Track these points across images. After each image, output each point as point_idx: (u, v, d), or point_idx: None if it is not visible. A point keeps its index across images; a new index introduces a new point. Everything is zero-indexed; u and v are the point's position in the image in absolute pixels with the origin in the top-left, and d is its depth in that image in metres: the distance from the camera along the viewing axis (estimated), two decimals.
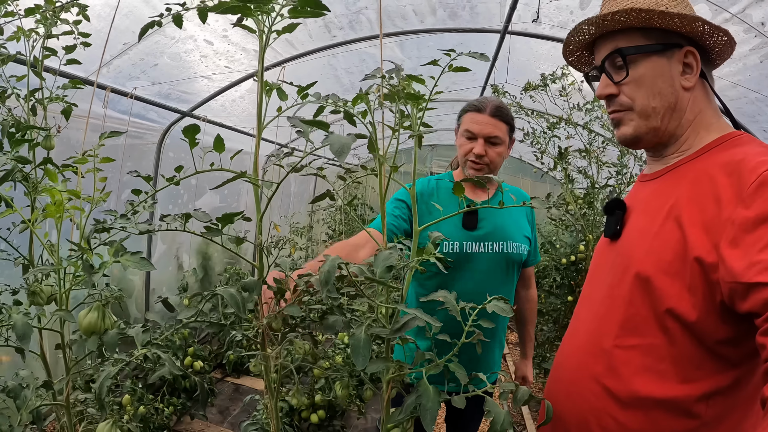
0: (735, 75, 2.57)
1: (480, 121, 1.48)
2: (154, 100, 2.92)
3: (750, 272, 0.61)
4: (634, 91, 0.86)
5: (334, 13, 2.68)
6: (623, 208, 0.93)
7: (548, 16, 2.73)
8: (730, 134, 0.83)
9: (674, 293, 0.74)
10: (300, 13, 0.93)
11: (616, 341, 0.81)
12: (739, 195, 0.69)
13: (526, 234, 1.62)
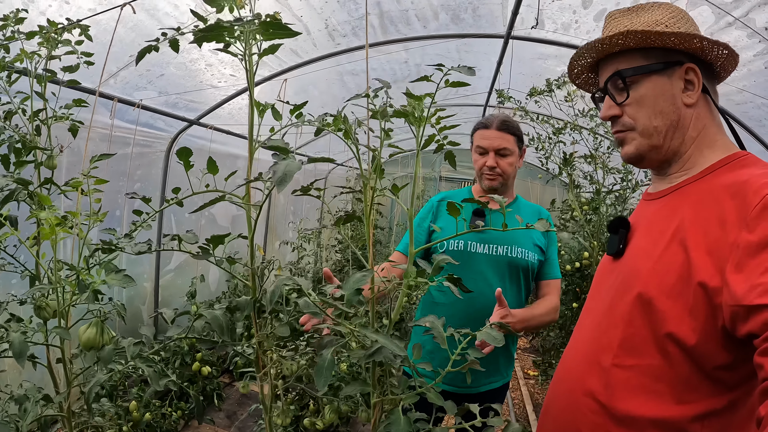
0: (740, 81, 2.52)
1: (488, 136, 1.63)
2: (162, 109, 2.98)
3: (751, 295, 0.61)
4: (636, 112, 0.87)
5: (337, 21, 2.70)
6: (627, 227, 0.94)
7: (551, 17, 2.71)
8: (735, 154, 0.83)
9: (675, 316, 0.74)
10: (272, 35, 0.95)
11: (615, 360, 0.82)
12: (743, 218, 0.68)
13: (537, 243, 1.66)
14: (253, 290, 1.18)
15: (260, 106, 1.20)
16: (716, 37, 2.45)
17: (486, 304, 1.57)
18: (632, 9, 0.91)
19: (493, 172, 1.63)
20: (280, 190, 0.76)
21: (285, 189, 0.75)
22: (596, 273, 1.04)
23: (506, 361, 1.72)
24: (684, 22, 0.87)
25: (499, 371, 1.69)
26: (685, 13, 0.89)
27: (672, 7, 0.89)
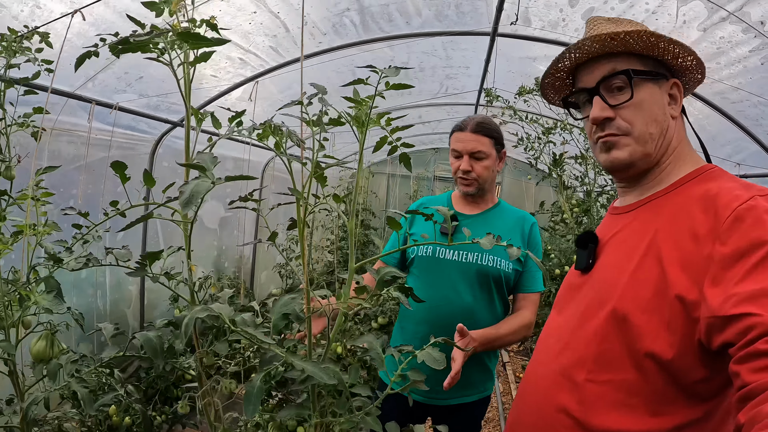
0: (735, 78, 2.42)
1: (462, 138, 1.56)
2: (143, 111, 2.94)
3: (726, 305, 0.62)
4: (634, 116, 0.85)
5: (318, 17, 2.63)
6: (595, 242, 0.93)
7: (537, 15, 2.62)
8: (703, 167, 0.85)
9: (651, 331, 0.74)
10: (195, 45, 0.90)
11: (589, 375, 0.81)
12: (716, 231, 0.69)
13: None
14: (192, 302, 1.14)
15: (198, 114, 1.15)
16: (710, 32, 2.36)
17: (453, 311, 1.53)
18: (612, 20, 0.92)
19: (467, 177, 1.57)
20: (185, 211, 0.71)
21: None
22: (563, 287, 1.03)
23: (482, 376, 1.65)
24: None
25: (474, 386, 1.63)
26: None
27: (641, 25, 0.90)
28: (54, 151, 2.77)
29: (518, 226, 1.62)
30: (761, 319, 0.57)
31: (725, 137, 2.87)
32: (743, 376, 0.57)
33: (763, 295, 0.59)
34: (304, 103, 0.94)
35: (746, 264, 0.63)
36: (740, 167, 2.77)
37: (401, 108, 4.24)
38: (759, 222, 0.65)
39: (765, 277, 0.61)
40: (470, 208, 1.66)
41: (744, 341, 0.58)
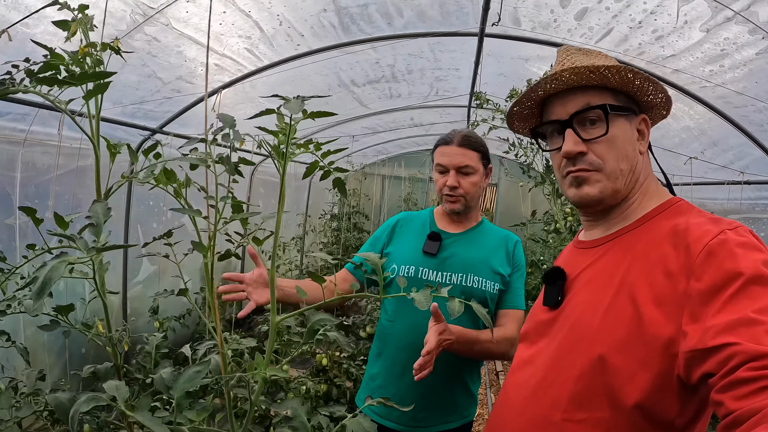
0: (740, 81, 2.25)
1: (449, 152, 1.48)
2: (118, 119, 2.84)
3: (705, 338, 0.63)
4: (607, 151, 0.84)
5: (293, 18, 2.50)
6: (563, 277, 0.92)
7: (527, 15, 2.47)
8: (669, 201, 0.85)
9: (628, 371, 0.74)
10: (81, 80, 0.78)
11: (566, 415, 0.81)
12: (689, 267, 0.70)
13: (497, 270, 1.51)
14: (115, 356, 1.03)
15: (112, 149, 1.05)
16: (713, 33, 2.18)
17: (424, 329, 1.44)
18: (584, 51, 0.91)
19: (454, 193, 1.48)
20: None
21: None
22: (530, 321, 1.00)
23: (465, 399, 1.57)
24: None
25: (457, 410, 1.55)
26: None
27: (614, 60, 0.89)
28: (28, 162, 2.69)
29: (502, 245, 1.57)
30: (740, 347, 0.58)
31: (728, 143, 2.69)
32: (727, 404, 0.57)
33: (740, 325, 0.61)
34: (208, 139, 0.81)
35: (722, 297, 0.64)
36: (744, 175, 2.59)
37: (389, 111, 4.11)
38: (731, 256, 0.67)
39: (741, 308, 0.62)
40: (454, 226, 1.58)
41: (725, 370, 0.59)
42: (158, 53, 2.43)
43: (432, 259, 1.51)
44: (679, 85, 2.58)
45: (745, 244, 0.68)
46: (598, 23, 2.35)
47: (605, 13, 2.27)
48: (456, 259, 1.50)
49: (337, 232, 4.81)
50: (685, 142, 3.01)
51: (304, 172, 0.94)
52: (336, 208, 5.17)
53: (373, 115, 4.13)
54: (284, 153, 0.87)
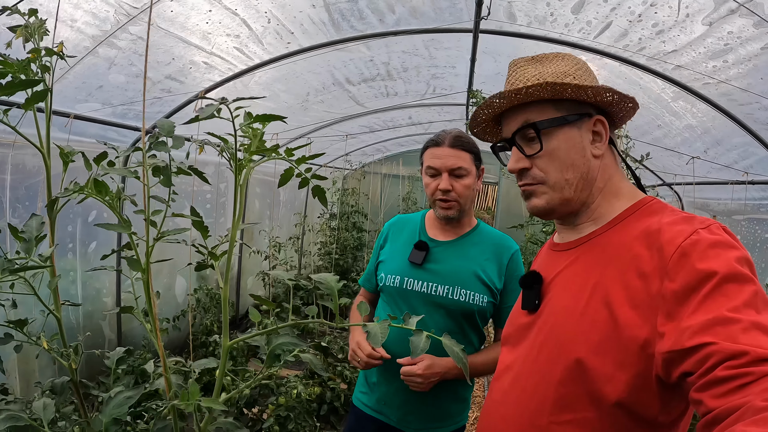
0: (744, 77, 2.15)
1: (440, 154, 1.40)
2: (109, 119, 2.80)
3: (682, 338, 0.63)
4: (548, 165, 0.86)
5: (281, 14, 2.44)
6: (540, 281, 0.92)
7: (522, 10, 2.39)
8: (641, 201, 0.84)
9: (606, 373, 0.74)
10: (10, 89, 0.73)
11: (551, 417, 0.82)
12: (663, 268, 0.70)
13: (487, 282, 1.44)
14: (71, 372, 0.98)
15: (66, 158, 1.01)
16: (716, 26, 2.09)
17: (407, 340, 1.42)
18: (536, 58, 0.91)
19: (448, 197, 1.40)
20: None
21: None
22: (509, 325, 1.00)
23: (456, 407, 1.55)
24: (588, 75, 0.88)
25: (448, 417, 1.53)
26: (587, 64, 0.90)
27: (575, 59, 0.89)
28: (18, 165, 2.66)
29: (496, 255, 1.48)
30: (717, 347, 0.59)
31: (731, 142, 2.59)
32: (707, 403, 0.58)
33: (715, 324, 0.61)
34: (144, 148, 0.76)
35: (697, 297, 0.64)
36: (748, 174, 2.49)
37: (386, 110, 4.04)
38: (704, 255, 0.67)
39: (716, 307, 0.62)
40: (445, 233, 1.51)
41: (703, 370, 0.60)
42: (145, 52, 2.38)
43: (419, 269, 1.46)
44: (681, 83, 2.49)
45: (718, 243, 0.68)
46: (596, 17, 2.27)
47: (603, 5, 2.18)
48: (443, 270, 1.45)
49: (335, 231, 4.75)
50: (688, 141, 2.91)
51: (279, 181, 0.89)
52: (335, 207, 5.11)
53: (370, 114, 4.06)
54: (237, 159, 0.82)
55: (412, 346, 0.70)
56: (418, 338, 0.70)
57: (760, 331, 0.59)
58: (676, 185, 3.34)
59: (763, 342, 0.58)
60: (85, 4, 2.01)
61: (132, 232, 0.69)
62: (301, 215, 4.67)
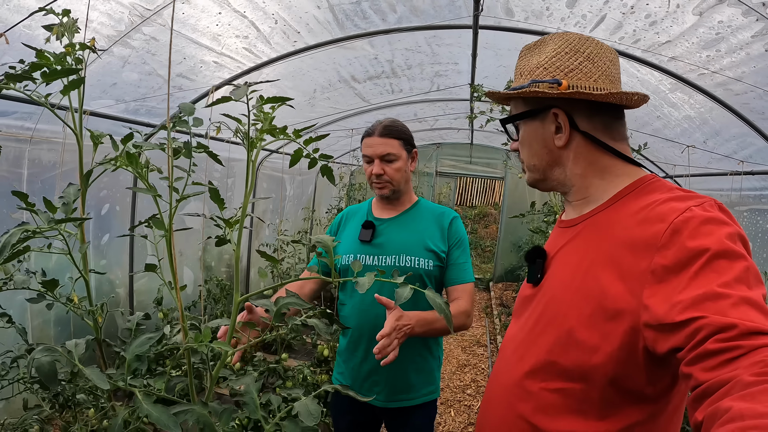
0: (738, 67, 2.21)
1: (371, 143, 1.59)
2: (122, 116, 2.92)
3: (672, 312, 0.64)
4: (522, 150, 0.97)
5: (288, 15, 2.54)
6: (544, 256, 0.98)
7: (519, 5, 2.46)
8: (640, 180, 0.87)
9: (594, 345, 0.78)
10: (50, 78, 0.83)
11: (542, 384, 0.87)
12: (654, 245, 0.71)
13: (431, 248, 1.58)
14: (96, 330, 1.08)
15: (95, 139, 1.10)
16: (706, 15, 2.15)
17: (380, 313, 1.51)
18: (538, 43, 0.95)
19: (380, 180, 1.59)
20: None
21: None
22: (517, 299, 1.07)
23: (421, 378, 1.62)
24: (570, 57, 0.88)
25: (412, 389, 1.61)
26: (580, 44, 0.89)
27: (563, 42, 0.90)
28: (34, 160, 2.78)
29: (437, 223, 1.63)
30: (707, 320, 0.60)
31: (729, 132, 2.64)
32: (696, 376, 0.59)
33: (706, 299, 0.62)
34: (168, 127, 0.86)
35: (688, 273, 0.66)
36: (745, 164, 2.54)
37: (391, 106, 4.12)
38: (696, 232, 0.68)
39: (706, 283, 0.63)
40: (388, 211, 1.67)
41: (693, 343, 0.61)
42: (157, 51, 2.50)
43: (368, 245, 1.61)
44: (677, 74, 2.54)
45: (711, 220, 0.69)
46: (590, 10, 2.33)
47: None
48: (389, 243, 1.60)
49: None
50: (687, 131, 2.96)
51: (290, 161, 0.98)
52: (342, 202, 5.21)
53: (376, 110, 4.15)
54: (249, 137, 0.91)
55: (397, 296, 0.79)
56: (402, 288, 0.78)
57: (749, 306, 0.60)
58: (676, 177, 3.38)
59: (753, 316, 0.59)
60: (101, 6, 2.13)
61: (158, 194, 0.79)
62: (309, 209, 4.79)
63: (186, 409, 0.77)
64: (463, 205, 14.12)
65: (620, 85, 0.93)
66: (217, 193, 0.96)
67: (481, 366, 4.27)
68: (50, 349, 0.73)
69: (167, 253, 0.86)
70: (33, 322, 2.72)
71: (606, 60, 0.89)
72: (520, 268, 6.16)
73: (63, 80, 0.96)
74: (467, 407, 3.49)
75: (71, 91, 0.96)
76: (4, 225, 2.52)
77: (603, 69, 0.88)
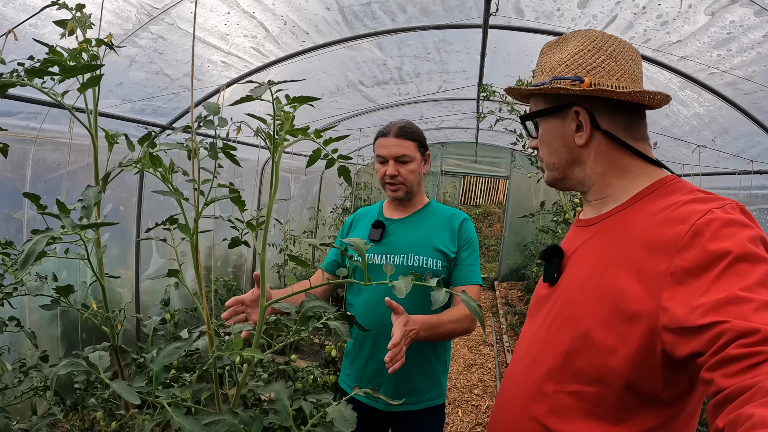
0: (748, 66, 2.20)
1: (386, 144, 1.58)
2: (128, 116, 2.91)
3: (692, 316, 0.63)
4: (541, 148, 0.96)
5: (297, 17, 2.53)
6: (561, 255, 0.96)
7: (530, 5, 2.45)
8: (661, 180, 0.85)
9: (611, 347, 0.76)
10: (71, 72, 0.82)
11: (557, 387, 0.85)
12: (675, 246, 0.70)
13: (440, 248, 1.58)
14: (112, 337, 1.07)
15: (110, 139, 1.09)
16: (718, 15, 2.14)
17: (384, 313, 1.48)
18: (559, 41, 0.94)
19: (394, 181, 1.59)
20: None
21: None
22: (533, 298, 1.05)
23: (426, 382, 1.60)
24: (593, 54, 0.86)
25: (416, 393, 1.59)
26: (603, 42, 0.88)
27: (586, 39, 0.89)
28: (39, 160, 2.77)
29: (447, 224, 1.63)
30: (729, 325, 0.58)
31: (738, 131, 2.63)
32: (717, 382, 0.58)
33: (728, 303, 0.61)
34: (193, 127, 0.85)
35: (709, 276, 0.64)
36: (754, 164, 2.53)
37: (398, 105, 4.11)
38: (717, 235, 0.66)
39: (728, 286, 0.62)
40: (399, 212, 1.68)
41: (714, 348, 0.59)
42: (164, 50, 2.49)
43: (377, 245, 1.61)
44: (686, 73, 2.54)
45: (732, 222, 0.67)
46: (601, 11, 2.33)
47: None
48: (398, 242, 1.60)
49: None
50: (696, 129, 2.95)
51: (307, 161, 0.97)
52: (347, 201, 5.20)
53: (382, 110, 4.15)
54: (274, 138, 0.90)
55: (433, 299, 0.78)
56: (438, 292, 0.77)
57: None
58: (685, 176, 3.38)
59: None
60: (108, 4, 2.12)
61: (184, 197, 0.78)
62: (314, 209, 4.77)
63: (217, 419, 0.76)
64: (467, 204, 14.10)
65: (642, 85, 0.92)
66: (238, 196, 0.96)
67: (488, 366, 4.26)
68: (73, 363, 0.72)
69: (192, 257, 0.85)
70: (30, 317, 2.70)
71: (628, 59, 0.88)
72: (525, 267, 6.15)
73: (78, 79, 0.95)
74: (475, 407, 3.49)
75: (91, 87, 0.94)
76: (5, 225, 2.51)
77: (626, 68, 0.87)
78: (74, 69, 0.78)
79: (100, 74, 0.88)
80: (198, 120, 0.82)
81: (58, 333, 2.86)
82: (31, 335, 1.55)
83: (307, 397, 0.85)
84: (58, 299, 1.05)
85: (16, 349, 2.22)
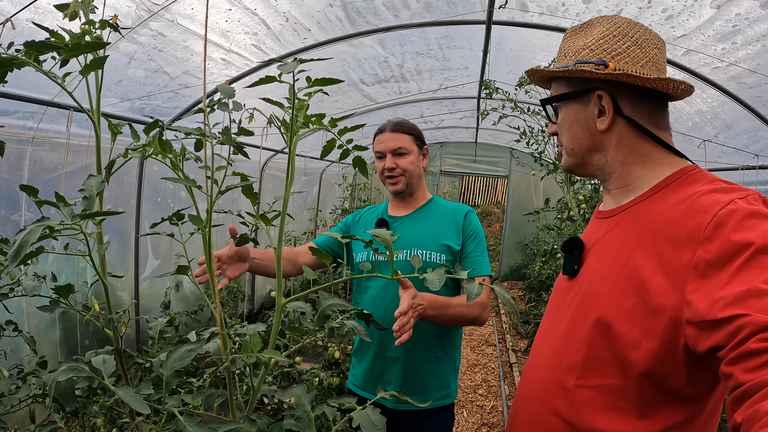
0: (753, 59, 2.19)
1: (383, 139, 1.60)
2: (126, 115, 2.86)
3: (714, 309, 0.62)
4: (562, 133, 0.94)
5: (299, 13, 2.50)
6: (581, 247, 0.94)
7: (535, 1, 2.44)
8: (682, 170, 0.83)
9: (634, 339, 0.75)
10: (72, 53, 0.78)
11: (578, 381, 0.83)
12: (697, 238, 0.69)
13: (445, 243, 1.57)
14: (115, 340, 1.03)
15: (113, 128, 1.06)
16: (724, 9, 2.13)
17: (388, 307, 1.52)
18: (584, 26, 0.93)
19: (393, 174, 1.59)
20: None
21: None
22: (553, 292, 1.04)
23: (435, 381, 1.58)
24: (618, 40, 0.85)
25: (425, 392, 1.57)
26: (629, 28, 0.86)
27: (612, 24, 0.88)
28: (36, 161, 2.71)
29: (451, 218, 1.62)
30: (750, 318, 0.57)
31: (741, 126, 2.63)
32: (737, 377, 0.57)
33: (749, 296, 0.59)
34: (206, 111, 0.81)
35: (730, 268, 0.63)
36: (758, 158, 2.52)
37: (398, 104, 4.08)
38: (740, 226, 0.65)
39: (750, 279, 0.61)
40: (402, 209, 1.68)
41: (734, 342, 0.58)
42: (164, 48, 2.45)
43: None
44: (690, 69, 2.53)
45: (755, 213, 0.66)
46: (606, 5, 2.31)
47: None
48: (402, 238, 1.59)
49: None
50: (699, 125, 2.94)
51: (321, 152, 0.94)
52: (347, 202, 5.16)
53: (382, 109, 4.12)
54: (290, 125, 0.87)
55: (468, 292, 0.75)
56: (471, 285, 0.74)
57: None
58: None
59: None
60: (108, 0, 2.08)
61: (197, 185, 0.75)
62: (314, 210, 4.73)
63: (234, 428, 0.72)
64: (466, 203, 14.07)
65: (666, 73, 0.90)
66: (250, 188, 0.92)
67: (492, 366, 4.23)
68: (74, 368, 0.68)
69: (204, 251, 0.82)
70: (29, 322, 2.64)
71: (653, 47, 0.86)
72: (525, 266, 6.13)
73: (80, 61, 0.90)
74: (479, 407, 3.46)
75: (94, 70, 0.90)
76: (2, 228, 2.45)
77: (650, 55, 0.85)
78: (78, 47, 0.74)
79: (105, 55, 0.84)
80: (211, 104, 0.79)
81: (56, 338, 2.80)
82: (30, 340, 1.50)
83: (329, 401, 0.81)
84: (58, 300, 1.01)
85: (14, 355, 2.17)
